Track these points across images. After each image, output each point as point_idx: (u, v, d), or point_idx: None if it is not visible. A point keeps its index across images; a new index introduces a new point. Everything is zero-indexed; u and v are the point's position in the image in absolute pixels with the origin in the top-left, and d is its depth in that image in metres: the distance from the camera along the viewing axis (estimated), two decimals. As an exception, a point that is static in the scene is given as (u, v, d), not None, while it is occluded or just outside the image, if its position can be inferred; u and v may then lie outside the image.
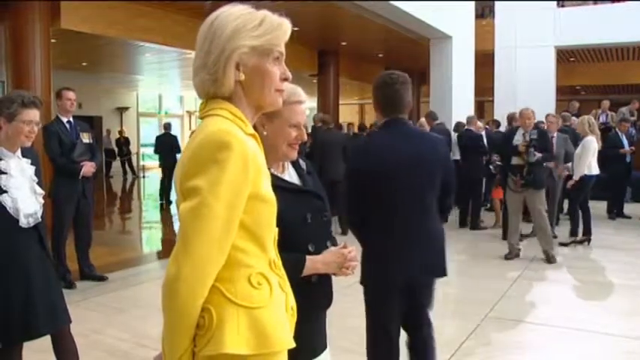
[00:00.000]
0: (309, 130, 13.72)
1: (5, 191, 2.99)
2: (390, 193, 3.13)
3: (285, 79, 1.62)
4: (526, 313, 5.47)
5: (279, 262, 1.64)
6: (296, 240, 1.92)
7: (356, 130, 16.51)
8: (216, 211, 1.41)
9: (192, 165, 1.45)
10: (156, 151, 14.17)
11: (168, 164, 13.20)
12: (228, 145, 1.43)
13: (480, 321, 5.17)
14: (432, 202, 3.23)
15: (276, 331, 1.53)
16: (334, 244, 2.22)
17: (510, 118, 8.89)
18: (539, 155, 7.26)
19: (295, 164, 2.24)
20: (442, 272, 3.28)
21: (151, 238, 10.60)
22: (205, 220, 1.41)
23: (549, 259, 7.34)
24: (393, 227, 3.12)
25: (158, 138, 14.38)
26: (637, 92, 19.76)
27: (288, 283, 1.65)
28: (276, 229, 1.63)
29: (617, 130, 11.44)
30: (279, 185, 1.62)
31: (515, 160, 7.51)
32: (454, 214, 10.58)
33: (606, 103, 14.27)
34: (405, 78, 3.25)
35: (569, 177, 8.76)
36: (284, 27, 1.60)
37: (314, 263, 2.09)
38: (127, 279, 6.68)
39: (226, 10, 1.57)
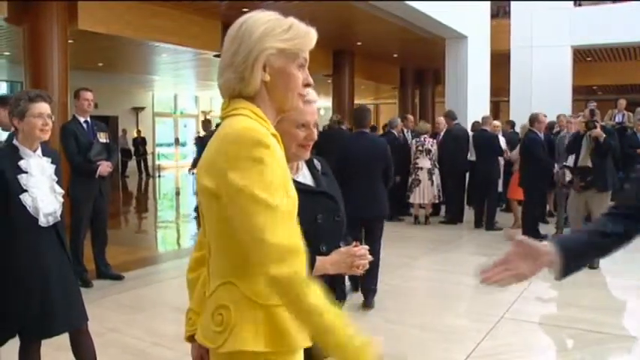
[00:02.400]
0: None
1: (25, 190, 3.02)
2: (354, 171, 5.61)
3: (308, 85, 1.65)
4: (543, 314, 5.44)
5: None
6: (307, 240, 1.93)
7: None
8: (269, 204, 1.43)
9: (229, 163, 1.45)
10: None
11: None
12: (264, 143, 1.45)
13: (496, 322, 5.16)
14: (377, 177, 5.80)
15: (293, 329, 1.54)
16: (348, 244, 2.22)
17: (532, 120, 8.81)
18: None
19: (310, 165, 2.24)
20: (384, 215, 5.92)
21: (167, 238, 10.65)
22: (262, 214, 1.42)
23: (592, 265, 6.75)
24: (354, 189, 5.36)
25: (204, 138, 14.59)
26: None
27: None
28: None
29: (634, 129, 11.31)
30: None
31: (581, 162, 7.39)
32: (469, 215, 10.54)
33: (623, 103, 14.10)
34: (368, 109, 6.42)
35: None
36: (311, 35, 1.63)
37: (323, 264, 2.08)
38: (143, 278, 6.72)
39: (254, 15, 1.60)
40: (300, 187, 1.96)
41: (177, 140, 27.67)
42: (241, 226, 1.45)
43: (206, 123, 14.29)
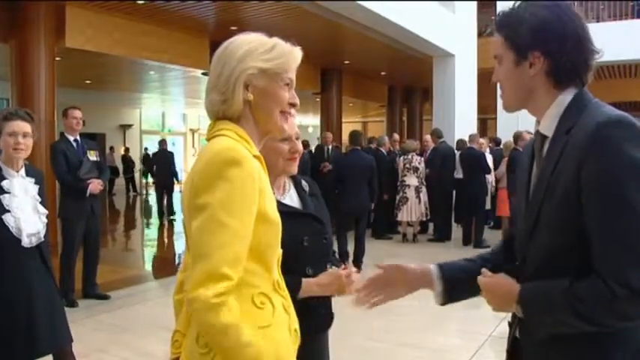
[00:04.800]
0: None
1: (8, 211, 2.99)
2: (348, 179, 8.02)
3: (293, 105, 1.65)
4: (531, 332, 5.43)
5: (283, 284, 1.64)
6: (293, 263, 1.92)
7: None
8: (229, 226, 1.41)
9: (202, 182, 1.46)
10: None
11: None
12: (237, 162, 1.44)
13: (484, 340, 5.15)
14: (364, 183, 8.03)
15: (281, 351, 1.53)
16: (336, 265, 2.21)
17: (516, 138, 8.88)
18: None
19: (297, 186, 2.23)
20: (369, 209, 8.57)
21: (154, 257, 10.57)
22: (220, 234, 1.41)
23: None
24: (348, 193, 7.99)
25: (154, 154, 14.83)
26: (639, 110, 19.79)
27: (291, 305, 1.66)
28: (280, 251, 1.63)
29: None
30: (277, 209, 1.62)
31: None
32: (457, 232, 10.56)
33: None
34: (361, 132, 9.19)
35: None
36: (294, 54, 1.63)
37: (309, 286, 2.07)
38: (129, 297, 6.65)
39: (240, 37, 1.62)
40: (286, 209, 1.95)
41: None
42: (194, 241, 1.45)
43: (162, 142, 14.59)
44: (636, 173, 1.35)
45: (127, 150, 23.75)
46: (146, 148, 24.58)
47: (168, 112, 27.63)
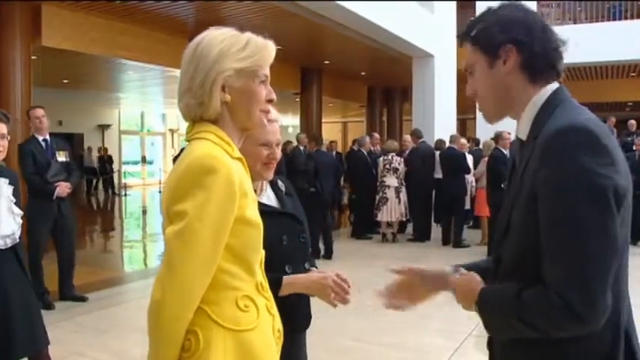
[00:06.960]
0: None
1: (-19, 212, 2.94)
2: (319, 176, 9.23)
3: (270, 101, 1.63)
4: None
5: (267, 285, 1.64)
6: (272, 262, 1.91)
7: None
8: (202, 236, 1.41)
9: (179, 189, 1.45)
10: None
11: None
12: (214, 170, 1.42)
13: (464, 339, 5.17)
14: (331, 179, 9.68)
15: (263, 353, 1.53)
16: (313, 265, 2.22)
17: (497, 138, 8.94)
18: None
19: (274, 186, 2.23)
20: (335, 200, 10.76)
21: (132, 258, 10.49)
22: (191, 244, 1.41)
23: None
24: (319, 187, 9.10)
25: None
26: (614, 110, 20.03)
27: (275, 306, 1.65)
28: (263, 252, 1.62)
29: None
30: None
31: None
32: (437, 232, 10.60)
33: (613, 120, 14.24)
34: (320, 134, 13.88)
35: None
36: (269, 48, 1.61)
37: (292, 286, 2.07)
38: (107, 299, 6.59)
39: (209, 34, 1.58)
40: (264, 209, 1.94)
41: (143, 158, 27.40)
42: (169, 245, 1.44)
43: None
44: (585, 183, 1.32)
45: (105, 150, 23.53)
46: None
47: (147, 112, 27.43)
